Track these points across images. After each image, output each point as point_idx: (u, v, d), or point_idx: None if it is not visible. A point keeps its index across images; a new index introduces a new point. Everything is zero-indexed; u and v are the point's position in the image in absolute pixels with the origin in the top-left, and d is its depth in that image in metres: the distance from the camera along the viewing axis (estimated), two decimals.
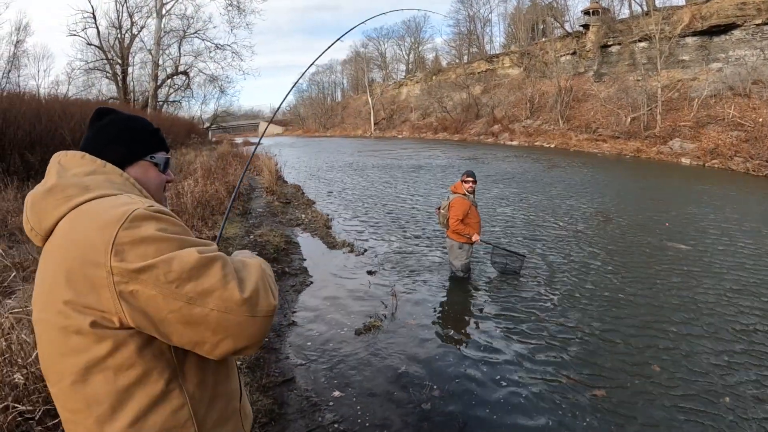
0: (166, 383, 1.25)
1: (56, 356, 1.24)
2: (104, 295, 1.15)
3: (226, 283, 1.20)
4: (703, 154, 24.54)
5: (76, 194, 1.28)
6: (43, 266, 1.30)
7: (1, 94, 17.45)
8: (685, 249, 9.13)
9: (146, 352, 1.22)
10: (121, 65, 37.68)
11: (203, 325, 1.19)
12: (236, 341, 1.23)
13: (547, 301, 6.85)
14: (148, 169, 1.54)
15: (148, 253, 1.16)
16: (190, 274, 1.17)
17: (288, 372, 4.99)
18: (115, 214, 1.19)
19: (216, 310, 1.18)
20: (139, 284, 1.14)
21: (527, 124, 42.63)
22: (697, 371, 4.98)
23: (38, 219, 1.29)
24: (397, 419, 4.25)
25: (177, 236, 1.23)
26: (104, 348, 1.18)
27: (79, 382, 1.21)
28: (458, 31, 67.07)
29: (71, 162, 1.37)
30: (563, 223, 11.58)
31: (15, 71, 37.18)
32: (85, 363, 1.19)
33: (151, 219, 1.21)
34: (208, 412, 1.34)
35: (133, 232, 1.17)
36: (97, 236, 1.17)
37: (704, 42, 32.98)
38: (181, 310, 1.16)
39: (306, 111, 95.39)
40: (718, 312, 6.39)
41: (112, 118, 1.51)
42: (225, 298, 1.19)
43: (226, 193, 12.76)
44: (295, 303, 6.90)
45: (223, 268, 1.22)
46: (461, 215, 7.28)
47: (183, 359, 1.29)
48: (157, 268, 1.15)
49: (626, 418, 4.23)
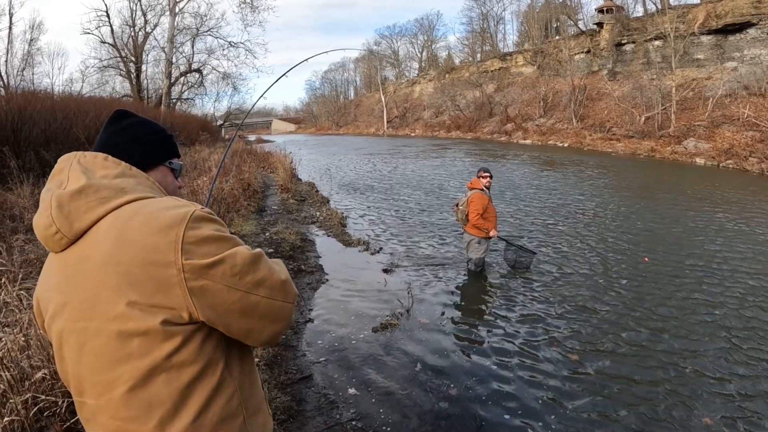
0: (221, 372, 1.30)
1: (106, 365, 1.21)
2: (174, 293, 1.19)
3: (272, 274, 1.36)
4: (717, 155, 24.20)
5: (113, 196, 1.28)
6: (75, 271, 1.26)
7: (17, 92, 17.65)
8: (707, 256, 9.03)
9: (207, 345, 1.27)
10: (135, 63, 37.96)
11: (254, 312, 1.31)
12: (276, 325, 1.38)
13: (562, 301, 6.80)
14: (167, 174, 1.56)
15: (211, 250, 1.24)
16: (248, 267, 1.29)
17: (305, 369, 5.01)
18: (176, 215, 1.24)
19: (265, 298, 1.32)
20: (208, 279, 1.23)
21: (541, 122, 42.43)
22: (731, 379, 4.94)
23: (68, 221, 1.25)
24: (414, 417, 4.25)
25: (229, 235, 1.32)
26: (171, 345, 1.20)
27: (139, 387, 1.20)
28: (471, 29, 66.81)
29: (95, 164, 1.35)
30: (575, 222, 11.52)
31: (29, 69, 37.66)
32: (148, 365, 1.19)
33: (208, 220, 1.30)
34: (249, 398, 1.40)
35: (197, 232, 1.24)
36: (160, 237, 1.20)
37: (719, 40, 32.58)
38: (240, 300, 1.27)
39: (319, 109, 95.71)
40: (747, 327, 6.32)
41: (133, 122, 1.51)
42: (271, 286, 1.34)
43: (242, 190, 12.82)
44: (311, 301, 6.92)
45: (266, 262, 1.37)
46: (481, 210, 7.40)
47: (229, 349, 1.35)
48: (224, 263, 1.25)
49: (653, 423, 4.21)
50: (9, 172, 10.54)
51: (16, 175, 10.22)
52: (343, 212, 12.94)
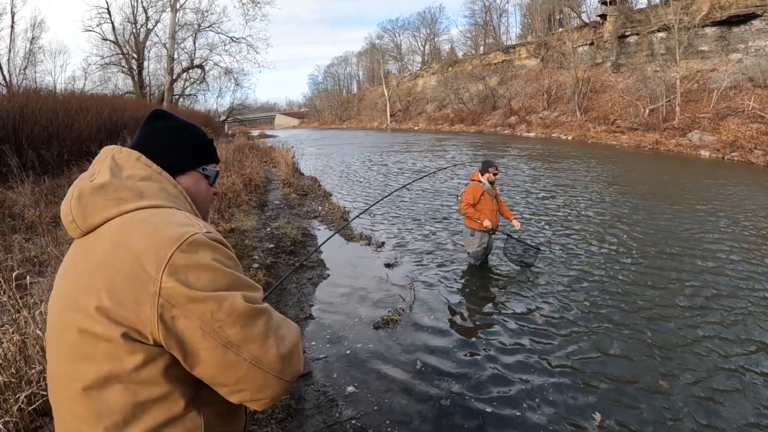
0: (185, 404, 1.21)
1: (72, 357, 1.18)
2: (145, 311, 1.12)
3: (266, 339, 1.21)
4: (722, 147, 24.02)
5: (130, 199, 1.26)
6: (78, 262, 1.26)
7: (18, 90, 17.66)
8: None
9: (173, 373, 1.18)
10: (137, 60, 38.05)
11: (231, 371, 1.17)
12: (255, 394, 1.22)
13: (566, 294, 6.73)
14: (199, 180, 1.51)
15: (201, 281, 1.14)
16: (237, 320, 1.16)
17: (305, 366, 4.93)
18: (173, 234, 1.17)
19: (248, 362, 1.18)
20: (184, 313, 1.13)
21: (544, 115, 42.28)
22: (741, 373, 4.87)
23: (83, 214, 1.25)
24: (415, 415, 4.20)
25: (230, 270, 1.21)
26: (134, 361, 1.14)
27: (94, 389, 1.15)
28: (474, 22, 66.63)
29: (127, 162, 1.34)
30: (581, 216, 11.44)
31: (31, 67, 37.74)
32: (108, 372, 1.14)
33: (207, 247, 1.20)
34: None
35: (189, 257, 1.15)
36: (150, 252, 1.14)
37: (723, 32, 32.31)
38: (215, 350, 1.15)
39: (322, 103, 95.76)
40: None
41: (169, 124, 1.47)
42: (261, 353, 1.19)
43: (243, 185, 12.80)
44: (312, 296, 6.88)
45: (267, 323, 1.23)
46: (471, 200, 7.37)
47: (203, 385, 1.24)
48: (206, 303, 1.14)
49: (652, 416, 4.15)
50: (9, 171, 10.55)
51: (16, 173, 10.23)
52: (345, 207, 12.91)
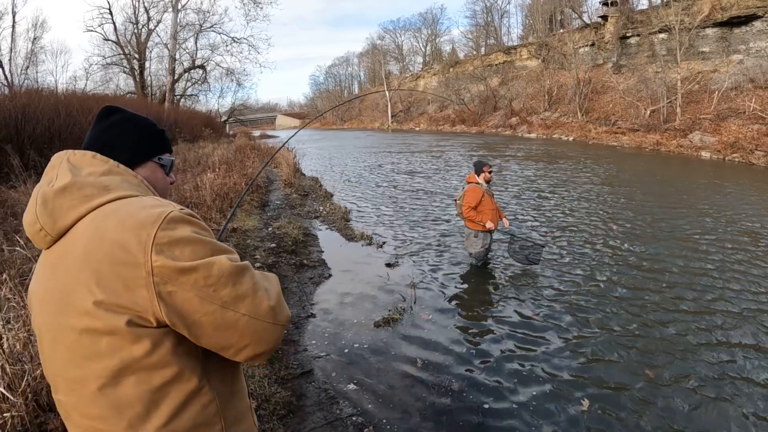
0: (198, 380, 1.27)
1: (78, 361, 1.21)
2: (141, 295, 1.16)
3: (256, 291, 1.27)
4: (723, 148, 23.99)
5: (96, 194, 1.27)
6: (55, 268, 1.26)
7: (20, 90, 17.69)
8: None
9: (180, 350, 1.23)
10: (138, 60, 38.09)
11: (232, 330, 1.23)
12: (258, 346, 1.28)
13: (566, 294, 6.76)
14: (156, 170, 1.53)
15: (184, 253, 1.19)
16: (228, 280, 1.22)
17: (306, 364, 5.00)
18: (150, 215, 1.21)
19: (247, 315, 1.24)
20: (178, 285, 1.17)
21: (545, 116, 42.23)
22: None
23: (52, 219, 1.25)
24: (415, 412, 4.23)
25: (209, 239, 1.27)
26: (142, 348, 1.18)
27: (109, 385, 1.19)
28: (475, 23, 66.59)
29: (82, 161, 1.34)
30: (583, 214, 11.46)
31: (33, 67, 37.76)
32: (118, 365, 1.18)
33: (185, 222, 1.25)
34: (229, 407, 1.36)
35: (170, 233, 1.19)
36: (131, 237, 1.17)
37: (724, 33, 32.25)
38: (214, 313, 1.21)
39: (323, 104, 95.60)
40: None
41: (120, 117, 1.48)
42: (255, 304, 1.26)
43: (245, 185, 12.82)
44: (313, 295, 6.91)
45: (252, 278, 1.29)
46: (473, 203, 7.40)
47: (208, 357, 1.31)
48: (197, 272, 1.19)
49: (647, 417, 4.19)
50: (12, 170, 10.59)
51: (18, 173, 10.27)
52: (346, 207, 12.92)
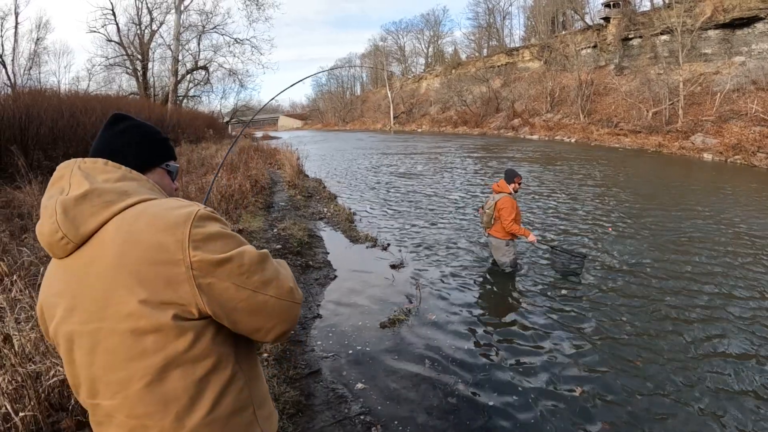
0: (232, 367, 1.35)
1: (121, 363, 1.25)
2: (183, 289, 1.23)
3: (278, 274, 1.40)
4: (725, 150, 23.97)
5: (116, 199, 1.31)
6: (83, 276, 1.28)
7: (24, 91, 17.73)
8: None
9: (218, 340, 1.32)
10: (141, 61, 38.11)
11: (263, 311, 1.35)
12: (284, 325, 1.41)
13: (572, 296, 6.79)
14: (164, 176, 1.59)
15: (217, 247, 1.29)
16: (257, 266, 1.34)
17: (314, 364, 5.04)
18: (180, 215, 1.29)
19: (274, 297, 1.36)
20: (215, 277, 1.26)
21: (548, 117, 42.19)
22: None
23: (74, 226, 1.27)
24: (422, 411, 4.27)
25: (233, 233, 1.37)
26: (185, 341, 1.25)
27: (155, 381, 1.24)
28: (477, 24, 66.48)
29: (95, 168, 1.37)
30: (593, 224, 11.47)
31: (36, 68, 37.83)
32: (163, 360, 1.24)
33: (212, 219, 1.34)
34: (256, 390, 1.45)
35: (203, 230, 1.28)
36: (167, 237, 1.24)
37: (727, 35, 32.20)
38: (248, 299, 1.31)
39: (325, 105, 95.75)
40: None
41: (129, 125, 1.52)
42: (279, 286, 1.38)
43: (249, 186, 12.86)
44: (319, 296, 6.95)
45: (273, 263, 1.42)
46: (515, 215, 7.20)
47: (237, 343, 1.39)
48: (231, 262, 1.29)
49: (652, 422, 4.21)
50: (17, 171, 10.63)
51: (24, 173, 10.30)
52: (350, 208, 12.94)
